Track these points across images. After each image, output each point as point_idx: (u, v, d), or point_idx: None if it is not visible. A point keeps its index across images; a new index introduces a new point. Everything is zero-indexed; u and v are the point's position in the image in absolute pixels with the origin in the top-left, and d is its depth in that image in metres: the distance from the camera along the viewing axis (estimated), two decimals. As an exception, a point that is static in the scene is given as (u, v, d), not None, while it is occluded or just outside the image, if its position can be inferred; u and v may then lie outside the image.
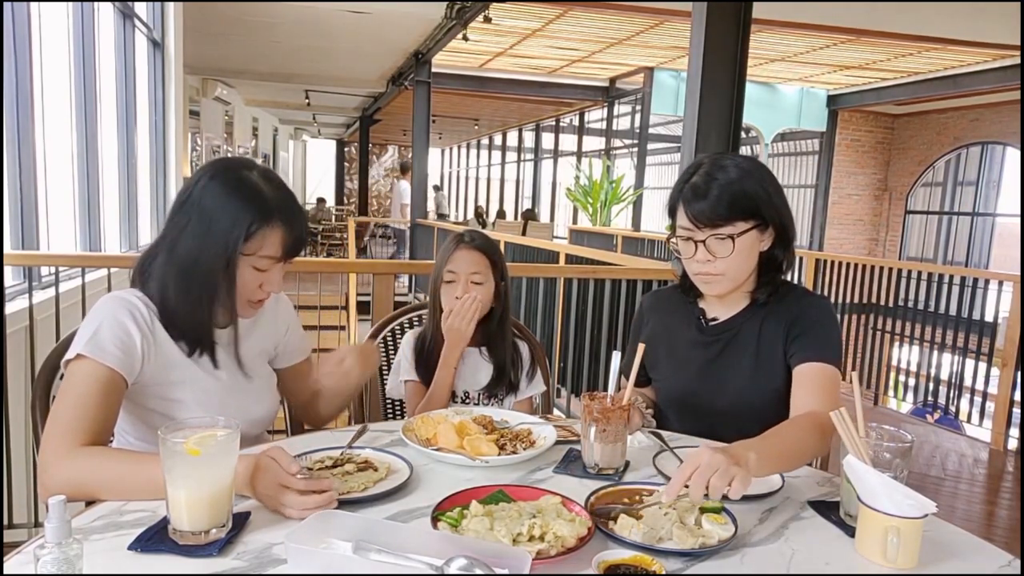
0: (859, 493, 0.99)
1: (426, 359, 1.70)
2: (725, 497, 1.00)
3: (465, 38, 7.36)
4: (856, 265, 6.73)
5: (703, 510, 1.04)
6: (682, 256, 1.46)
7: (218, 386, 1.31)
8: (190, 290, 1.25)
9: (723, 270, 1.42)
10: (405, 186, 11.77)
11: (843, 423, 1.06)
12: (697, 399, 1.51)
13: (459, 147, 23.99)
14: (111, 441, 1.30)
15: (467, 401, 1.71)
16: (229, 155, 12.19)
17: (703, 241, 1.40)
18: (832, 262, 6.98)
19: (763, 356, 1.47)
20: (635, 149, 11.07)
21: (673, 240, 1.47)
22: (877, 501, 0.96)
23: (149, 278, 1.28)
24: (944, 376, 5.77)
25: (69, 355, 1.19)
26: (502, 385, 1.72)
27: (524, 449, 1.28)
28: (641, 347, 1.34)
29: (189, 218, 1.24)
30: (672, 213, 1.47)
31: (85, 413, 1.14)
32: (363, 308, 5.83)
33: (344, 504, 1.05)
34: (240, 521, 0.98)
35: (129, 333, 1.21)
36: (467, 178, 23.55)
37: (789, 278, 1.54)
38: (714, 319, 1.54)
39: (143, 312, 1.24)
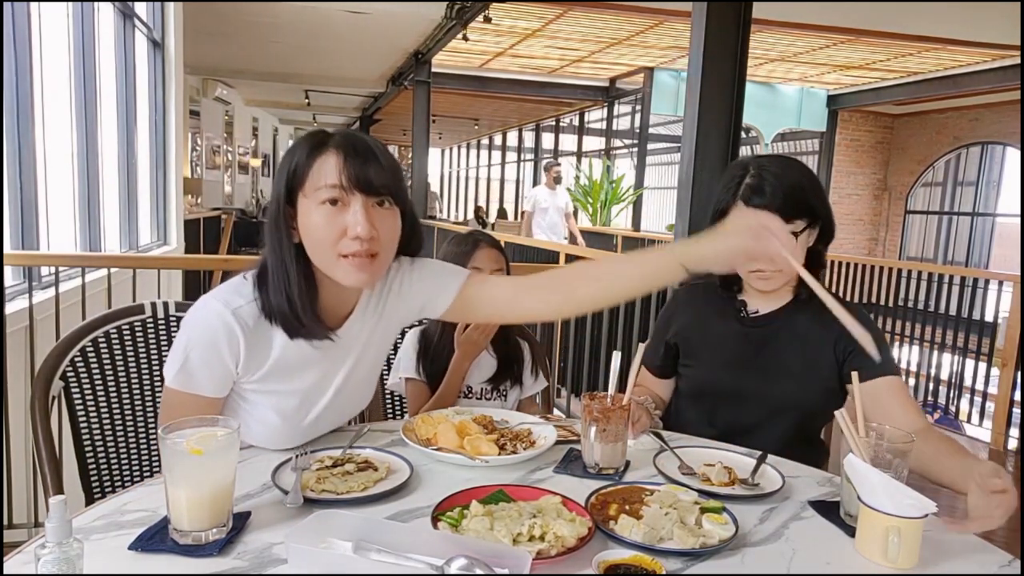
0: (860, 493, 0.99)
1: (430, 357, 1.71)
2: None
3: (465, 38, 7.36)
4: (856, 265, 6.73)
5: (703, 510, 1.04)
6: None
7: (315, 398, 1.26)
8: (269, 268, 1.17)
9: (782, 266, 1.43)
10: (542, 194, 7.73)
11: (845, 423, 1.06)
12: (739, 392, 1.51)
13: (459, 147, 23.98)
14: None
15: (470, 395, 1.73)
16: (230, 155, 12.19)
17: None
18: (832, 262, 6.97)
19: (811, 354, 1.48)
20: (635, 149, 11.07)
21: None
22: (878, 501, 0.96)
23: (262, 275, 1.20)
24: (944, 376, 5.77)
25: (166, 373, 1.17)
26: (506, 379, 1.74)
27: (524, 449, 1.28)
28: (642, 347, 1.34)
29: None
30: (723, 214, 1.48)
31: None
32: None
33: (344, 504, 1.05)
34: (240, 521, 0.98)
35: (220, 361, 1.16)
36: (467, 178, 23.55)
37: None
38: (755, 311, 1.55)
39: (233, 326, 1.15)
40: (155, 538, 0.93)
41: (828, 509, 1.11)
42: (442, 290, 1.30)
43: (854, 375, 1.15)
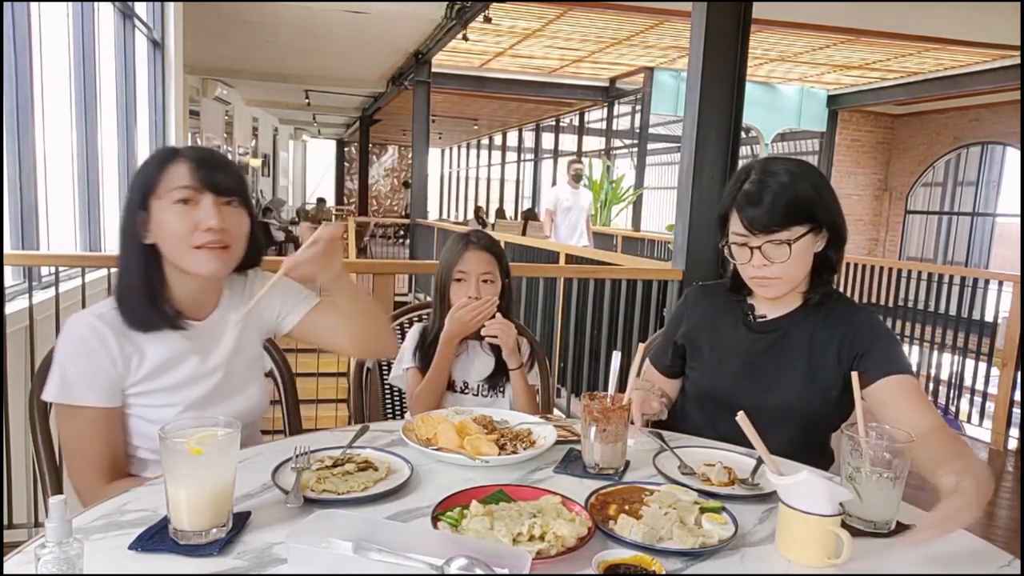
0: (794, 503, 0.96)
1: (427, 351, 1.72)
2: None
3: (465, 38, 7.36)
4: (856, 265, 6.73)
5: (703, 510, 1.04)
6: (736, 261, 1.46)
7: (198, 381, 1.31)
8: (120, 270, 1.27)
9: (780, 274, 1.42)
10: (564, 193, 7.21)
11: (747, 426, 1.05)
12: (741, 396, 1.48)
13: (459, 147, 23.98)
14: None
15: (466, 391, 1.73)
16: (230, 155, 12.20)
17: (759, 247, 1.40)
18: (832, 262, 6.96)
19: (815, 361, 1.46)
20: (635, 149, 11.07)
21: (726, 245, 1.47)
22: (820, 506, 0.94)
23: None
24: (944, 376, 5.77)
25: (46, 396, 1.22)
26: (503, 376, 1.74)
27: (524, 449, 1.28)
28: (642, 347, 1.34)
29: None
30: (724, 220, 1.47)
31: (99, 451, 1.20)
32: (363, 308, 5.82)
33: (344, 504, 1.06)
34: (240, 521, 0.98)
35: (97, 364, 1.21)
36: (467, 178, 23.56)
37: None
38: (763, 316, 1.53)
39: (104, 332, 1.23)
40: (155, 538, 0.93)
41: (828, 509, 1.11)
42: (292, 309, 1.45)
43: (854, 375, 1.15)
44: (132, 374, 1.25)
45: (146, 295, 1.26)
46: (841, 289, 6.76)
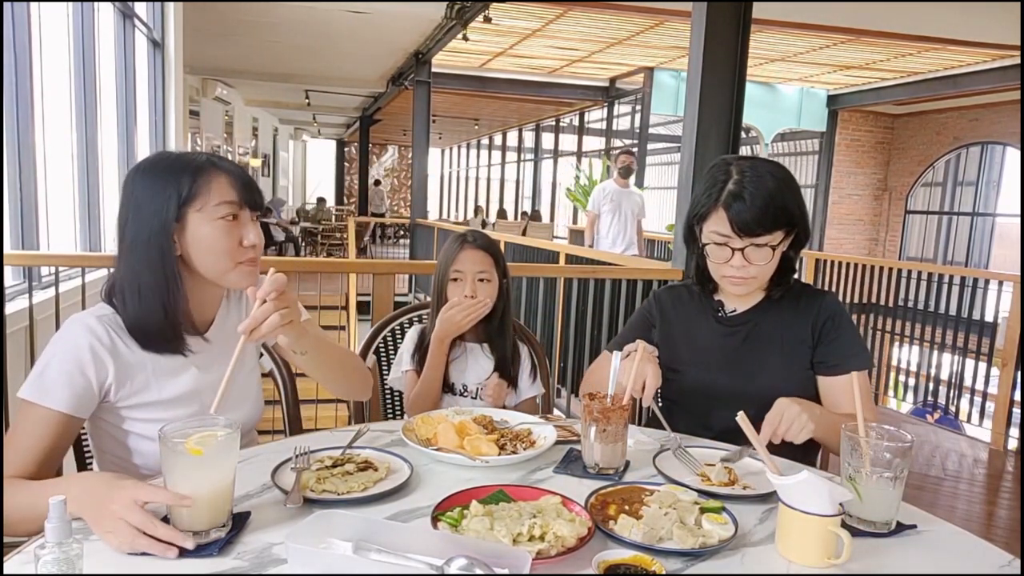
0: (794, 503, 0.96)
1: (425, 353, 1.72)
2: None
3: (465, 38, 7.36)
4: (856, 265, 6.74)
5: (703, 510, 1.04)
6: (714, 260, 1.47)
7: (198, 393, 1.27)
8: (142, 284, 1.19)
9: (756, 274, 1.44)
10: (611, 189, 6.17)
11: (747, 426, 1.06)
12: (725, 388, 1.52)
13: (459, 147, 23.99)
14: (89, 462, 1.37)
15: (465, 394, 1.73)
16: (230, 155, 12.21)
17: (741, 249, 1.41)
18: (832, 262, 6.99)
19: (790, 345, 1.50)
20: (635, 149, 11.07)
21: (703, 242, 1.48)
22: (820, 506, 0.95)
23: (114, 289, 1.23)
24: (944, 376, 5.77)
25: (21, 393, 1.16)
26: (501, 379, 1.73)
27: (524, 449, 1.28)
28: (641, 345, 1.34)
29: (127, 214, 1.20)
30: (703, 218, 1.47)
31: (37, 451, 1.13)
32: (363, 308, 5.83)
33: (344, 504, 1.05)
34: (240, 521, 0.98)
35: (82, 369, 1.17)
36: (467, 178, 23.56)
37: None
38: (732, 310, 1.57)
39: (103, 336, 1.19)
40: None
41: (828, 509, 1.11)
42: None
43: (854, 375, 1.15)
44: (130, 383, 1.21)
45: (174, 315, 1.21)
46: (841, 288, 6.75)
